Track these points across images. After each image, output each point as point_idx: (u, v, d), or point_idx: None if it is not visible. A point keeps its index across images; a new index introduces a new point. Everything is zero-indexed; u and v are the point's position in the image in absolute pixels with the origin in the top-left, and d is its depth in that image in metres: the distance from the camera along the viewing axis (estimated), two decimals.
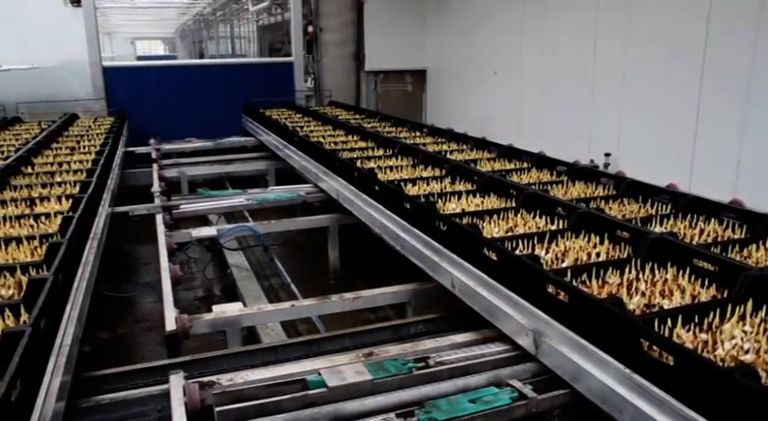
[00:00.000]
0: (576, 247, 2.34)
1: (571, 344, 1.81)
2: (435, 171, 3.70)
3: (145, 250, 4.86)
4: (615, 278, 2.05)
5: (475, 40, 7.06)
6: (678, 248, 2.14)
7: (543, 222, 2.69)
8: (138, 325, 3.61)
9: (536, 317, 1.97)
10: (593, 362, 1.71)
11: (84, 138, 5.38)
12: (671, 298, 1.91)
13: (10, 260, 2.39)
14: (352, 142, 4.86)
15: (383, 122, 5.99)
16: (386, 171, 3.69)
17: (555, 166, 3.67)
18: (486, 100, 6.95)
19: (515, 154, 4.11)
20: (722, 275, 1.96)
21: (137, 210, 3.88)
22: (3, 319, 1.81)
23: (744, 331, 1.68)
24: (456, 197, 3.07)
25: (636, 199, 3.01)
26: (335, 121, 5.78)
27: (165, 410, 2.00)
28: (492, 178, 3.24)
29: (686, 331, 1.69)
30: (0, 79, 6.77)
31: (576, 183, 3.36)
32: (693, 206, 2.74)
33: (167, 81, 7.57)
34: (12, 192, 3.41)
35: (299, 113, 6.79)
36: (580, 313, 1.80)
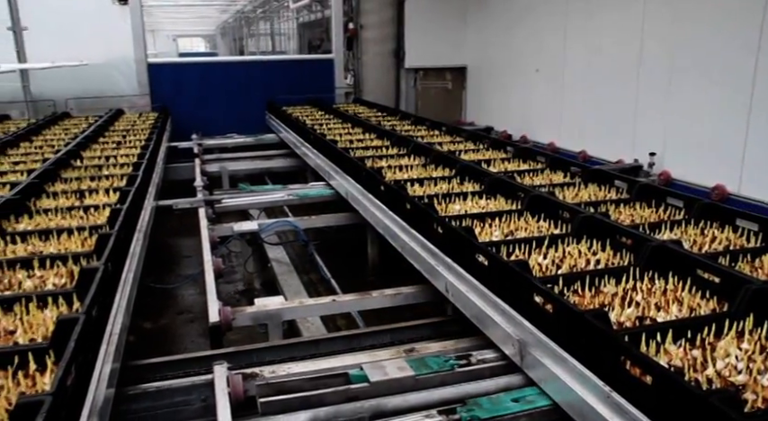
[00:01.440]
0: (576, 253, 2.26)
1: (554, 357, 1.71)
2: (446, 171, 3.64)
3: (186, 243, 4.95)
4: (611, 287, 1.96)
5: (516, 38, 6.99)
6: (680, 257, 2.03)
7: (546, 226, 2.61)
8: (180, 316, 3.68)
9: (521, 326, 1.88)
10: (574, 378, 1.62)
11: (129, 132, 5.51)
12: (667, 310, 1.81)
13: (62, 250, 2.46)
14: (367, 140, 4.84)
15: (403, 120, 5.97)
16: (395, 170, 3.65)
17: (569, 168, 3.58)
18: (527, 98, 6.88)
19: (531, 154, 4.01)
20: (724, 287, 1.84)
21: (180, 203, 3.95)
22: (56, 307, 1.87)
23: (740, 349, 1.56)
24: (461, 198, 3.01)
25: (649, 203, 2.88)
26: (355, 119, 5.77)
27: (209, 400, 2.04)
28: (499, 179, 3.16)
29: (677, 347, 1.58)
30: (51, 75, 6.96)
31: (589, 185, 3.27)
32: (708, 212, 2.60)
33: (209, 77, 7.69)
34: (63, 185, 3.51)
35: (321, 111, 6.80)
36: (564, 325, 1.70)
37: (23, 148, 4.77)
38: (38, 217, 2.90)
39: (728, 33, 4.24)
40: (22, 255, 2.37)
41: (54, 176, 3.62)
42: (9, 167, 4.06)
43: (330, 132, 5.19)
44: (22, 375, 1.49)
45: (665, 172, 4.84)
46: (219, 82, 7.60)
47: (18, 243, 2.50)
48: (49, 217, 2.90)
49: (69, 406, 1.39)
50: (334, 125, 5.73)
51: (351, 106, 7.20)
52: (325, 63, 7.95)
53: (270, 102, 7.20)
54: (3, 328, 1.74)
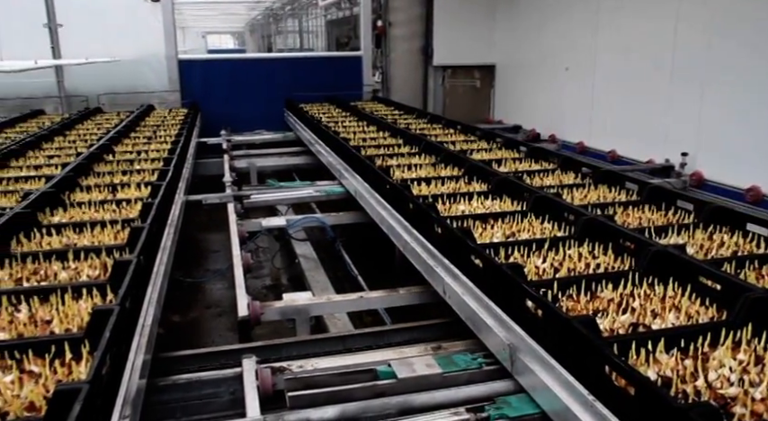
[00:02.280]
0: (576, 257, 2.21)
1: (542, 364, 1.67)
2: (455, 170, 3.61)
3: (214, 238, 5.00)
4: (608, 292, 1.91)
5: (546, 36, 6.93)
6: (682, 263, 1.96)
7: (550, 228, 2.57)
8: (209, 310, 3.72)
9: (512, 331, 1.83)
10: (561, 385, 1.57)
11: (160, 128, 5.59)
12: (663, 317, 1.75)
13: (95, 242, 2.51)
14: (380, 139, 4.82)
15: (419, 119, 5.93)
16: (404, 169, 3.63)
17: (580, 168, 3.51)
18: (557, 97, 6.81)
19: (543, 154, 3.95)
20: (725, 295, 1.77)
21: (209, 198, 3.99)
22: (91, 298, 1.91)
23: (735, 360, 1.51)
24: (466, 198, 2.98)
25: (659, 206, 2.81)
26: (371, 117, 5.74)
27: (237, 393, 2.06)
28: (506, 180, 3.12)
29: (669, 356, 1.53)
30: (84, 72, 7.08)
31: (599, 186, 3.21)
32: (718, 216, 2.53)
33: (237, 74, 7.75)
34: (95, 179, 3.58)
35: (339, 109, 6.80)
36: (552, 330, 1.65)
37: (57, 143, 4.86)
38: (72, 210, 2.96)
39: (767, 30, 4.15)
40: (57, 247, 2.42)
41: (87, 170, 3.69)
42: (44, 161, 4.14)
43: (345, 130, 5.18)
44: (58, 363, 1.52)
45: (698, 172, 4.77)
46: (248, 78, 7.65)
47: (53, 235, 2.55)
48: (83, 210, 2.95)
49: (104, 395, 1.41)
50: (349, 123, 5.72)
51: (369, 104, 7.19)
52: (353, 60, 7.96)
53: (288, 99, 7.21)
54: (39, 318, 1.78)
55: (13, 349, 1.55)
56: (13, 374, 1.47)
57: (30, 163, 4.09)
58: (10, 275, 2.14)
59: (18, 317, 1.79)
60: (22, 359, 1.53)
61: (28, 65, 5.25)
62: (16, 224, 2.52)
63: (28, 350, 1.55)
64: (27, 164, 4.06)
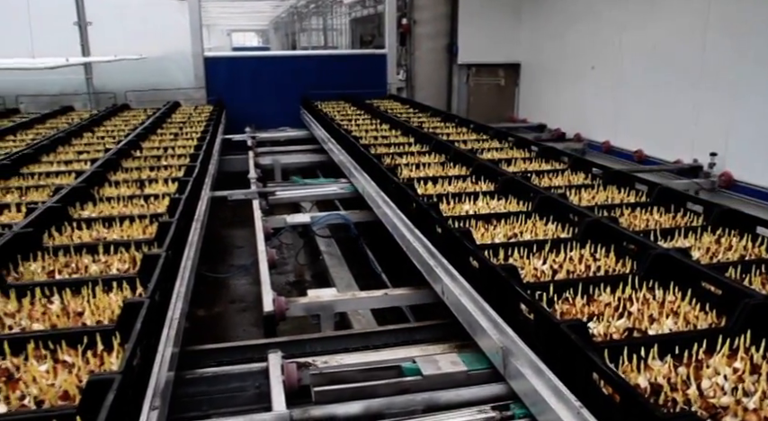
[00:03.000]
0: (577, 259, 2.18)
1: (533, 368, 1.63)
2: (463, 169, 3.58)
3: (238, 234, 5.04)
4: (606, 296, 1.87)
5: (572, 34, 6.87)
6: (683, 266, 1.91)
7: (554, 229, 2.53)
8: (233, 305, 3.75)
9: (505, 334, 1.80)
10: (550, 390, 1.53)
11: (185, 124, 5.64)
12: (661, 322, 1.71)
13: (124, 236, 2.54)
14: (392, 137, 4.80)
15: (433, 117, 5.90)
16: (412, 168, 3.61)
17: (591, 169, 3.47)
18: (582, 96, 6.76)
19: (554, 154, 3.91)
20: (726, 301, 1.72)
21: (235, 195, 4.03)
22: (121, 291, 1.94)
23: (731, 368, 1.47)
24: (472, 198, 2.95)
25: (668, 208, 2.76)
26: (384, 116, 5.72)
27: (263, 387, 2.08)
28: (512, 179, 3.08)
29: (662, 363, 1.49)
30: (112, 69, 7.18)
31: (608, 187, 3.17)
32: (728, 219, 2.47)
33: (262, 71, 7.79)
34: (124, 174, 3.63)
35: (354, 107, 6.79)
36: (543, 334, 1.62)
37: (86, 139, 4.94)
38: (101, 204, 3.01)
39: None
40: (87, 241, 2.46)
41: (116, 166, 3.74)
42: (74, 156, 4.21)
43: (357, 129, 5.17)
44: (90, 354, 1.55)
45: (727, 173, 4.70)
46: (272, 76, 7.69)
47: (84, 229, 2.60)
48: (112, 205, 3.00)
49: (135, 386, 1.44)
50: (363, 121, 5.71)
51: (386, 102, 7.15)
52: (377, 58, 7.96)
53: (304, 97, 7.22)
54: (72, 310, 1.82)
55: (47, 339, 1.58)
56: (48, 364, 1.50)
57: (60, 158, 4.16)
58: (43, 268, 2.19)
59: (51, 309, 1.83)
60: (55, 349, 1.56)
61: (59, 62, 5.34)
62: (48, 218, 2.57)
63: (61, 340, 1.58)
64: (57, 159, 4.13)
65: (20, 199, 3.14)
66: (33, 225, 2.42)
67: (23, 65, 5.12)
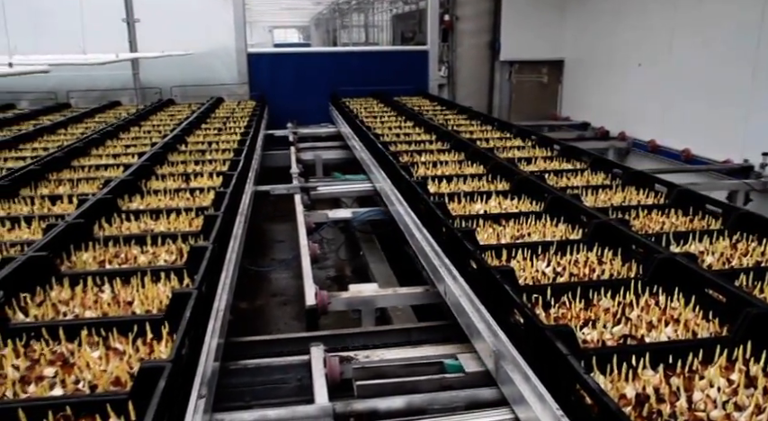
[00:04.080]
0: (582, 261, 2.12)
1: (521, 374, 1.59)
2: (480, 168, 3.53)
3: (279, 228, 5.09)
4: (606, 301, 1.81)
5: (619, 31, 6.74)
6: (689, 272, 1.84)
7: (564, 230, 2.48)
8: (274, 299, 3.80)
9: (498, 337, 1.76)
10: (535, 397, 1.49)
11: (229, 120, 5.73)
12: (660, 330, 1.65)
13: (171, 229, 2.60)
14: (414, 135, 4.77)
15: (459, 114, 5.84)
16: (429, 166, 3.58)
17: (611, 169, 3.38)
18: (628, 93, 6.62)
19: (575, 153, 3.82)
20: (731, 309, 1.64)
21: (277, 189, 4.07)
22: (168, 281, 1.98)
23: (728, 380, 1.40)
24: (484, 197, 2.91)
25: (686, 210, 2.66)
26: (410, 112, 5.68)
27: (304, 380, 2.10)
28: (527, 179, 3.03)
29: (655, 373, 1.44)
30: (157, 64, 7.33)
31: (627, 188, 3.08)
32: (747, 223, 2.36)
33: (304, 67, 7.85)
34: (170, 168, 3.70)
35: (381, 103, 6.76)
36: (531, 339, 1.57)
37: (133, 133, 5.06)
38: (149, 197, 3.08)
39: None
40: (136, 232, 2.53)
41: (162, 159, 3.82)
42: (121, 150, 4.32)
43: (381, 126, 5.15)
44: (140, 342, 1.59)
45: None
46: (314, 72, 7.74)
47: (132, 221, 2.66)
48: (159, 197, 3.06)
49: (184, 374, 1.47)
50: (388, 118, 5.69)
51: (414, 99, 7.09)
52: (419, 55, 7.93)
53: (333, 94, 7.19)
54: (122, 299, 1.86)
55: (99, 327, 1.63)
56: (100, 350, 1.54)
57: (108, 151, 4.27)
58: (94, 258, 2.25)
59: (102, 297, 1.88)
60: (107, 336, 1.61)
61: (110, 58, 5.47)
62: (99, 209, 2.64)
63: (113, 328, 1.62)
64: (106, 152, 4.24)
65: (71, 190, 3.23)
66: (85, 216, 2.48)
67: (77, 61, 5.27)
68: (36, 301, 1.84)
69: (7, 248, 2.29)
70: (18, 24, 6.27)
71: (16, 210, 2.90)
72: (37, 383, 1.41)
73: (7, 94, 7.03)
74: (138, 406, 1.26)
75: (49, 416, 1.25)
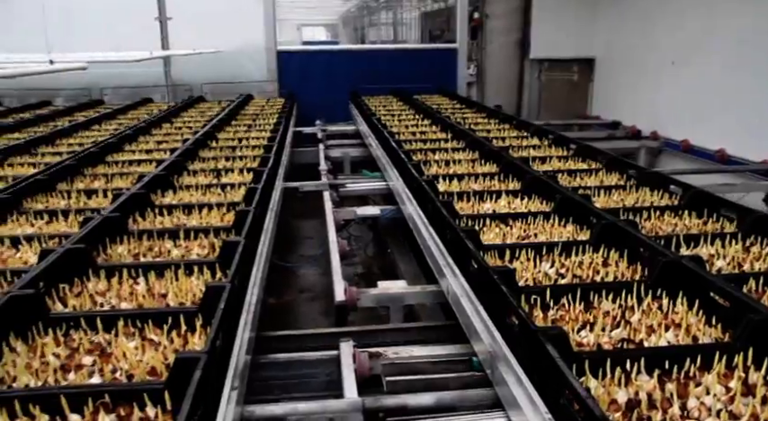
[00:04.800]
0: (587, 263, 2.09)
1: (513, 376, 1.56)
2: (493, 167, 3.52)
3: (307, 225, 5.12)
4: (608, 304, 1.78)
5: (652, 28, 6.64)
6: (694, 276, 1.80)
7: (572, 231, 2.45)
8: (302, 294, 3.82)
9: (494, 339, 1.73)
10: (527, 400, 1.46)
11: (258, 117, 5.78)
12: (660, 334, 1.62)
13: (203, 223, 2.64)
14: (430, 132, 4.75)
15: (478, 113, 5.80)
16: (442, 165, 3.57)
17: (627, 169, 3.33)
18: (660, 92, 6.53)
19: (591, 153, 3.77)
20: (735, 314, 1.59)
21: (306, 186, 4.09)
22: (201, 274, 2.01)
23: (726, 387, 1.37)
24: (494, 196, 2.90)
25: (700, 212, 2.60)
26: (428, 111, 5.65)
27: (333, 375, 2.11)
28: (538, 179, 2.99)
29: (650, 378, 1.40)
30: (188, 62, 7.42)
31: (641, 189, 3.03)
32: (763, 226, 2.30)
33: (333, 65, 7.87)
34: (201, 164, 3.75)
35: (400, 101, 6.72)
36: (524, 341, 1.55)
37: (165, 129, 5.14)
38: (181, 192, 3.12)
39: None
40: (169, 227, 2.57)
41: (193, 155, 3.87)
42: (154, 146, 4.39)
43: (399, 124, 5.14)
44: (175, 334, 1.62)
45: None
46: (343, 70, 7.76)
47: (165, 215, 2.71)
48: (191, 192, 3.11)
49: (217, 366, 1.49)
50: (406, 116, 5.67)
51: (434, 97, 7.05)
52: (447, 53, 7.90)
53: (353, 92, 7.17)
54: (156, 291, 1.90)
55: (135, 318, 1.66)
56: (136, 341, 1.58)
57: (141, 147, 4.34)
58: (128, 251, 2.29)
59: (137, 289, 1.92)
60: (143, 327, 1.64)
61: (144, 55, 5.56)
62: (133, 203, 2.69)
63: (148, 320, 1.66)
64: (139, 148, 4.31)
65: (106, 185, 3.30)
66: (120, 210, 2.53)
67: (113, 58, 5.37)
68: (74, 292, 1.89)
69: (46, 240, 2.34)
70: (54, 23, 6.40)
71: (54, 203, 2.97)
72: (76, 371, 1.44)
73: (44, 91, 7.18)
74: (173, 395, 1.29)
75: (89, 402, 1.28)
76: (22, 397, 1.27)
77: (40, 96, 7.11)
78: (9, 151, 3.98)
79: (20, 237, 2.35)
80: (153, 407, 1.29)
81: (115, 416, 1.27)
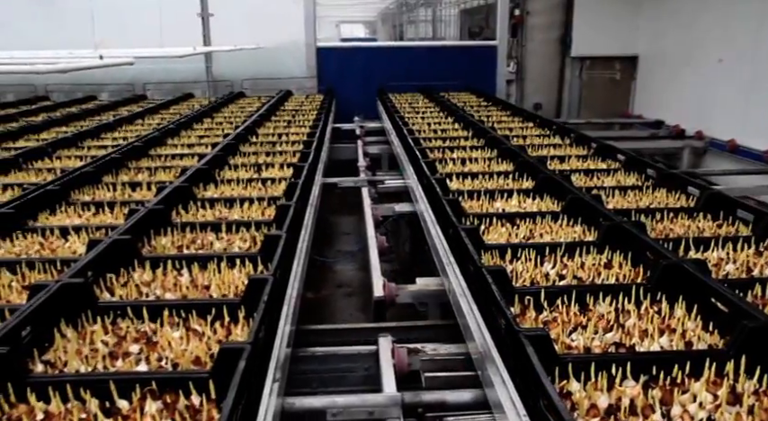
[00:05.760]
0: (589, 264, 2.05)
1: (498, 377, 1.54)
2: (509, 166, 3.48)
3: (345, 221, 5.14)
4: (604, 306, 1.74)
5: (698, 25, 6.48)
6: (694, 280, 1.75)
7: (579, 231, 2.40)
8: (339, 290, 3.84)
9: (484, 339, 1.71)
10: (509, 403, 1.43)
11: (298, 113, 5.82)
12: (654, 339, 1.57)
13: (244, 217, 2.67)
14: (451, 130, 4.71)
15: (504, 111, 5.73)
16: (459, 163, 3.56)
17: (646, 169, 3.25)
18: (706, 91, 6.36)
19: (611, 152, 3.69)
20: (731, 320, 1.54)
21: (345, 182, 4.12)
22: (243, 267, 2.04)
23: (715, 395, 1.32)
24: (505, 195, 2.86)
25: (716, 215, 2.53)
26: (452, 108, 5.59)
27: (371, 369, 2.12)
28: (551, 178, 2.94)
29: (635, 384, 1.37)
30: (229, 57, 7.52)
31: (658, 190, 2.96)
32: None
33: (372, 62, 7.88)
34: (242, 158, 3.79)
35: (426, 99, 6.68)
36: (509, 342, 1.52)
37: (206, 124, 5.21)
38: (222, 186, 3.17)
39: None
40: (211, 220, 2.61)
41: (234, 150, 3.92)
42: (195, 140, 4.46)
43: (422, 122, 5.11)
44: (218, 325, 1.64)
45: None
46: (382, 67, 7.76)
47: (207, 208, 2.75)
48: (232, 187, 3.15)
49: (260, 357, 1.51)
50: (430, 114, 5.63)
51: (460, 95, 6.97)
52: (487, 50, 7.83)
53: (380, 89, 7.12)
54: (200, 283, 1.93)
55: (179, 308, 1.69)
56: (181, 331, 1.61)
57: (183, 142, 4.42)
58: (172, 243, 2.33)
59: (181, 281, 1.95)
60: (187, 318, 1.67)
61: (188, 51, 5.66)
62: (176, 196, 2.74)
63: (192, 310, 1.69)
64: (181, 142, 4.39)
65: (149, 178, 3.36)
66: (164, 202, 2.58)
67: (158, 54, 5.48)
68: (120, 282, 1.93)
69: (93, 231, 2.40)
70: (101, 20, 6.57)
71: (100, 195, 3.04)
72: (124, 359, 1.48)
73: (90, 87, 7.37)
74: (218, 385, 1.31)
75: (137, 389, 1.31)
76: (73, 382, 1.31)
77: (86, 91, 7.29)
78: (58, 144, 4.10)
79: (68, 228, 2.41)
80: (198, 396, 1.31)
81: (161, 403, 1.30)
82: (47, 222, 2.61)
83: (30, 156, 3.70)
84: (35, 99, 6.94)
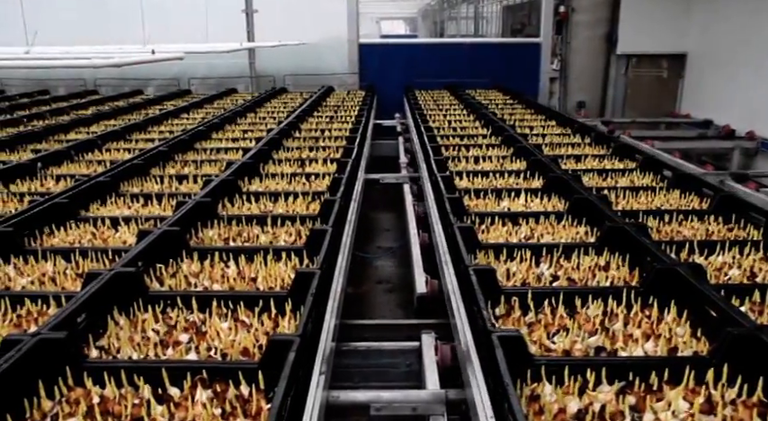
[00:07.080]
0: (586, 266, 2.00)
1: (474, 378, 1.51)
2: (522, 164, 3.45)
3: (386, 217, 5.13)
4: (593, 309, 1.70)
5: (750, 22, 6.28)
6: (687, 285, 1.70)
7: (581, 232, 2.36)
8: (379, 285, 3.83)
9: (466, 339, 1.69)
10: (481, 406, 1.41)
11: (340, 109, 5.85)
12: (639, 344, 1.53)
13: (289, 211, 2.69)
14: (471, 128, 4.67)
15: (527, 109, 5.64)
16: (472, 161, 3.54)
17: (661, 170, 3.16)
18: (758, 90, 6.17)
19: (629, 152, 3.63)
20: (720, 327, 1.49)
21: (386, 178, 4.12)
22: (289, 260, 2.06)
23: (690, 403, 1.28)
24: (512, 195, 2.82)
25: (728, 217, 2.45)
26: (476, 106, 5.52)
27: (413, 365, 2.12)
28: (560, 178, 2.89)
29: (608, 390, 1.33)
30: (272, 53, 7.59)
31: (672, 191, 2.88)
32: None
33: (414, 58, 7.86)
34: (285, 153, 3.83)
35: (452, 96, 6.61)
36: (484, 343, 1.50)
37: (250, 119, 5.28)
38: (267, 180, 3.20)
39: None
40: (256, 213, 2.64)
41: (278, 145, 3.96)
42: (240, 134, 4.52)
43: (443, 119, 5.08)
44: (265, 317, 1.66)
45: None
46: (423, 63, 7.74)
47: (252, 202, 2.78)
48: (276, 181, 3.18)
49: (308, 350, 1.52)
50: (453, 111, 5.58)
51: (488, 93, 6.88)
52: (531, 47, 7.74)
53: (407, 86, 7.09)
54: (247, 275, 1.95)
55: (227, 300, 1.72)
56: (229, 321, 1.63)
57: (227, 136, 4.49)
58: (219, 235, 2.37)
59: (228, 273, 1.98)
60: (235, 309, 1.69)
61: (234, 46, 5.73)
62: (223, 189, 2.78)
63: (239, 302, 1.71)
64: (225, 136, 4.45)
65: (195, 171, 3.42)
66: (210, 195, 2.62)
67: (206, 49, 5.57)
68: (169, 272, 1.97)
69: (142, 222, 2.45)
70: (149, 16, 6.69)
71: (148, 187, 3.11)
72: (174, 347, 1.51)
73: (136, 81, 7.53)
74: (267, 376, 1.32)
75: (188, 377, 1.33)
76: (127, 368, 1.34)
77: (132, 86, 7.45)
78: (107, 137, 4.19)
79: (119, 218, 2.47)
80: (247, 386, 1.33)
81: (211, 391, 1.32)
82: (98, 213, 2.68)
83: (81, 148, 3.80)
84: (85, 93, 7.12)
